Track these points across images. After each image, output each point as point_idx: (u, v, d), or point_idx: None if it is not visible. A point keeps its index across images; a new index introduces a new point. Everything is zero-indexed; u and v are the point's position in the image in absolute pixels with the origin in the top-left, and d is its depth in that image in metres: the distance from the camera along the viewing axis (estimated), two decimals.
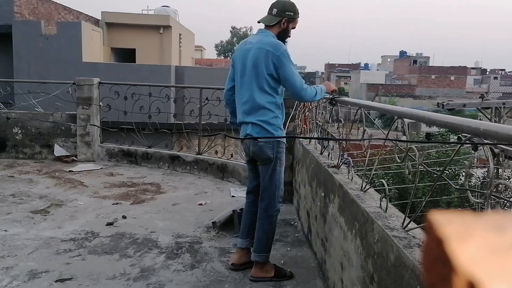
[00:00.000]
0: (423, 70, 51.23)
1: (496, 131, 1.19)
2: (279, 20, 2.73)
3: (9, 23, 14.05)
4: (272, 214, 2.84)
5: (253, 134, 2.73)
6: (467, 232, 0.24)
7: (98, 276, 2.77)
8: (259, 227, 2.83)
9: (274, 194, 2.81)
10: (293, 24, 2.80)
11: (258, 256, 2.80)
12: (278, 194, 2.84)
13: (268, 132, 2.70)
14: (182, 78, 14.71)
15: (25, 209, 4.04)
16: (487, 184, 1.40)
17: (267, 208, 2.82)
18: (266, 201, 2.82)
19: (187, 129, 6.06)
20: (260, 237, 2.82)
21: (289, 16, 2.74)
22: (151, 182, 5.21)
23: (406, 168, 1.79)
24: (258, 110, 2.70)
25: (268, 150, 2.75)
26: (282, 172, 2.85)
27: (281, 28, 2.75)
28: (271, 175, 2.79)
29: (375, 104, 2.43)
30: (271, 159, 2.76)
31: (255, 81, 2.68)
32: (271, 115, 2.71)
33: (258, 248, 2.81)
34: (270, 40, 2.69)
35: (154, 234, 3.54)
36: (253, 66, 2.67)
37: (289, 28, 2.78)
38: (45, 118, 6.31)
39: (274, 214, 2.85)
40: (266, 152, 2.75)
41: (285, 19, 2.74)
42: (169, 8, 21.25)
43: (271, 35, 2.74)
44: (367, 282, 1.87)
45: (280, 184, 2.85)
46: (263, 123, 2.70)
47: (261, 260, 2.80)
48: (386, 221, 1.81)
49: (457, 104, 4.62)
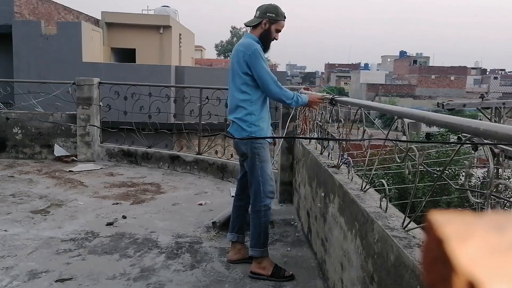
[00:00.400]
0: (423, 70, 51.23)
1: (496, 131, 1.19)
2: (260, 21, 2.83)
3: (9, 23, 14.05)
4: (259, 209, 2.87)
5: (231, 131, 2.89)
6: (467, 232, 0.24)
7: (98, 276, 2.77)
8: (251, 222, 2.92)
9: (258, 189, 2.85)
10: (277, 26, 2.86)
11: (252, 251, 2.88)
12: (263, 189, 2.86)
13: (242, 129, 2.81)
14: (182, 78, 14.72)
15: (25, 209, 4.04)
16: (487, 184, 1.40)
17: (254, 203, 2.89)
18: (253, 196, 2.88)
19: (187, 129, 6.06)
20: (252, 232, 2.90)
21: (271, 18, 2.83)
22: (151, 182, 5.21)
23: (406, 168, 1.79)
24: (236, 108, 2.83)
25: (242, 146, 2.84)
26: (265, 167, 2.86)
27: (263, 29, 2.84)
28: (251, 171, 2.86)
29: (375, 104, 2.43)
30: (246, 155, 2.84)
31: (233, 80, 2.84)
32: (244, 112, 2.80)
33: (252, 243, 2.89)
34: (245, 41, 2.86)
35: (154, 234, 3.54)
36: (232, 67, 2.85)
37: (271, 29, 2.85)
38: (45, 118, 6.31)
39: (262, 209, 2.87)
40: (240, 148, 2.87)
41: (266, 20, 2.82)
42: (169, 8, 21.26)
43: (250, 37, 2.87)
44: (367, 282, 1.87)
45: (265, 180, 2.86)
46: (238, 120, 2.82)
47: (255, 254, 2.86)
48: (386, 221, 1.81)
49: (457, 104, 4.62)
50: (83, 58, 14.44)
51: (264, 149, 2.88)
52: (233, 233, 3.06)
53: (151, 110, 5.90)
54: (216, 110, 5.63)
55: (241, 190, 3.08)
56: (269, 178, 2.90)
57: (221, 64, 38.29)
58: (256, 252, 2.86)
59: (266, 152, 2.90)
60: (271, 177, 2.92)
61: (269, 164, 2.92)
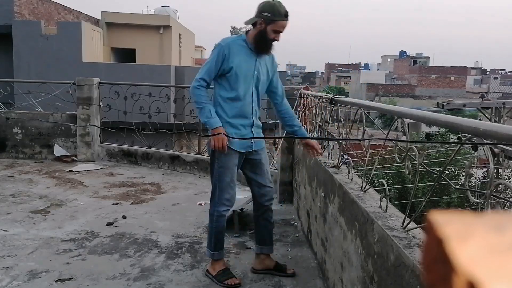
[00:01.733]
0: (423, 70, 51.24)
1: (496, 131, 1.19)
2: (255, 21, 2.63)
3: (9, 23, 14.05)
4: (212, 213, 2.76)
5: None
6: (467, 232, 0.24)
7: (98, 276, 2.77)
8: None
9: (214, 193, 2.75)
10: (273, 26, 2.59)
11: (206, 250, 2.89)
12: (219, 195, 2.72)
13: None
14: (182, 78, 14.72)
15: (25, 209, 4.04)
16: (487, 184, 1.40)
17: (210, 205, 2.80)
18: (210, 198, 2.81)
19: (187, 129, 6.07)
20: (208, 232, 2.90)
21: (266, 17, 2.58)
22: (151, 182, 5.21)
23: (406, 168, 1.79)
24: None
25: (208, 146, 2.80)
26: (223, 174, 2.68)
27: (258, 29, 2.62)
28: (211, 172, 2.77)
29: (375, 104, 2.43)
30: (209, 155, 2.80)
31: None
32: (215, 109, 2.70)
33: (207, 242, 2.89)
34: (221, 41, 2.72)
35: (154, 234, 3.54)
36: None
37: (267, 30, 2.59)
38: (45, 118, 6.31)
39: (214, 214, 2.75)
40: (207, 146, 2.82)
41: (261, 20, 2.60)
42: (169, 8, 21.25)
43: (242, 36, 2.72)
44: (367, 282, 1.87)
45: (222, 186, 2.70)
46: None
47: (207, 255, 2.87)
48: (386, 221, 1.81)
49: (457, 104, 4.62)
50: (83, 58, 14.44)
51: (226, 156, 2.65)
52: (256, 245, 2.95)
53: (151, 110, 5.90)
54: None
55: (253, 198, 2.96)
56: (228, 186, 2.70)
57: None
58: (208, 253, 2.84)
59: (228, 159, 2.67)
60: (231, 185, 2.72)
61: (229, 171, 2.69)
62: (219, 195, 2.72)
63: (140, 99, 5.96)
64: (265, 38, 2.63)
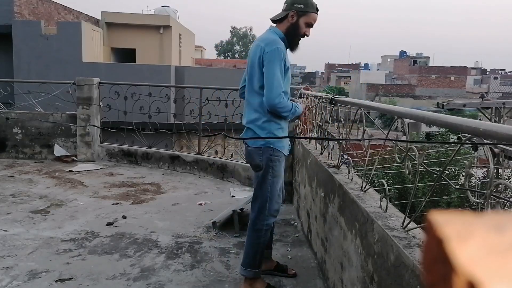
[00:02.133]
0: (423, 70, 51.23)
1: (496, 131, 1.19)
2: (286, 14, 2.49)
3: (9, 23, 14.07)
4: (260, 228, 2.57)
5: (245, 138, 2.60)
6: (467, 232, 0.24)
7: (98, 276, 2.77)
8: (247, 241, 2.63)
9: (263, 206, 2.55)
10: (306, 19, 2.49)
11: (244, 271, 2.61)
12: (269, 207, 2.57)
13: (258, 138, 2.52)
14: (182, 78, 14.73)
15: (25, 209, 4.04)
16: (487, 184, 1.40)
17: (255, 221, 2.57)
18: (255, 213, 2.58)
19: (187, 129, 6.06)
20: (247, 250, 2.60)
21: (299, 9, 2.47)
22: (151, 182, 5.21)
23: (406, 168, 1.79)
24: (252, 113, 2.53)
25: (257, 157, 2.52)
26: (276, 183, 2.56)
27: (290, 22, 2.49)
28: (261, 184, 2.55)
29: (375, 104, 2.42)
30: (260, 167, 2.53)
31: (250, 80, 2.53)
32: (263, 118, 2.50)
33: (245, 262, 2.60)
34: (268, 36, 2.51)
35: (154, 234, 3.54)
36: (250, 65, 2.53)
37: (299, 23, 2.49)
38: (45, 118, 6.31)
39: (263, 228, 2.57)
40: (254, 158, 2.53)
41: (293, 12, 2.47)
42: (169, 8, 21.27)
43: (275, 32, 2.52)
44: (367, 282, 1.87)
45: (273, 196, 2.56)
46: (255, 127, 2.52)
47: (248, 275, 2.60)
48: (386, 221, 1.81)
49: (457, 104, 4.62)
50: (83, 58, 14.46)
51: (280, 162, 2.57)
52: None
53: (151, 110, 5.90)
54: (216, 110, 5.63)
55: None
56: (277, 195, 2.60)
57: (221, 64, 38.29)
58: (250, 273, 2.59)
59: (281, 167, 2.59)
60: (279, 193, 2.62)
61: (281, 180, 2.61)
62: (269, 207, 2.57)
63: (140, 99, 5.96)
64: (297, 31, 2.52)
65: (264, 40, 2.48)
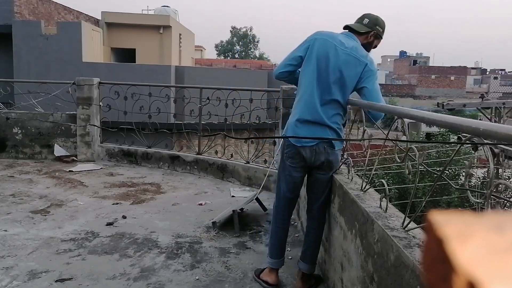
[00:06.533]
0: (423, 70, 51.25)
1: (496, 131, 1.19)
2: (368, 31, 2.59)
3: (9, 23, 14.06)
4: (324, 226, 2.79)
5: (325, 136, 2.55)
6: (467, 232, 0.24)
7: (98, 276, 2.77)
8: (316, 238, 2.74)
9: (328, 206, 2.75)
10: (377, 42, 2.65)
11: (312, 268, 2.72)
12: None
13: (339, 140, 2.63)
14: (182, 78, 14.72)
15: (25, 209, 4.04)
16: (487, 184, 1.40)
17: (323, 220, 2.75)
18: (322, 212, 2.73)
19: (187, 129, 6.06)
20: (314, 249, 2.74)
21: (378, 32, 2.61)
22: (151, 182, 5.21)
23: (406, 168, 1.79)
24: (335, 115, 2.53)
25: (333, 156, 2.59)
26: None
27: (367, 40, 2.60)
28: (327, 184, 2.66)
29: (375, 104, 2.42)
30: (333, 168, 2.65)
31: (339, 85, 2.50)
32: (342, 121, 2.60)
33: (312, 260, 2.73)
34: (364, 53, 2.55)
35: (154, 234, 3.54)
36: (339, 70, 2.48)
37: (373, 44, 2.63)
38: (45, 118, 6.31)
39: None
40: (329, 157, 2.57)
41: (373, 33, 2.59)
42: (169, 8, 21.27)
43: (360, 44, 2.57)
44: (367, 282, 1.87)
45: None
46: (339, 129, 2.56)
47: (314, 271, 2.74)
48: (386, 221, 1.81)
49: (457, 104, 4.62)
50: (83, 58, 14.45)
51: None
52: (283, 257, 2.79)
53: (151, 110, 5.90)
54: (216, 110, 5.63)
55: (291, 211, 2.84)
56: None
57: (221, 64, 38.27)
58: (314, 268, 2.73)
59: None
60: None
61: None
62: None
63: (140, 99, 5.96)
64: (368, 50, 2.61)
65: (356, 49, 2.51)
